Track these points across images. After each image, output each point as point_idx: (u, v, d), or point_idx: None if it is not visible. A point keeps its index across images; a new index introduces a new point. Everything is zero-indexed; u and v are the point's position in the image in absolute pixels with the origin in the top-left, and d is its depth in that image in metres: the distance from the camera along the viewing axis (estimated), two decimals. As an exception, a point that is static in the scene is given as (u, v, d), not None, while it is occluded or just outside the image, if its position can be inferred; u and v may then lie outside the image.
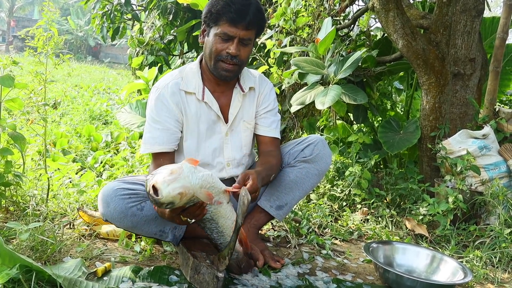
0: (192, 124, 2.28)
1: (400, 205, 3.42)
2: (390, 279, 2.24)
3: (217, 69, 2.19)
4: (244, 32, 2.11)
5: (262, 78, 2.46)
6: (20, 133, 2.49)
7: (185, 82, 2.26)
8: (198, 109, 2.27)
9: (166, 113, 2.22)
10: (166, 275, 2.08)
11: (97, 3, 5.71)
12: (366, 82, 3.97)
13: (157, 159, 2.21)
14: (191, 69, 2.30)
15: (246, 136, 2.40)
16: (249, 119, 2.40)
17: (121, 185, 2.15)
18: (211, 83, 2.30)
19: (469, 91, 3.50)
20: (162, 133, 2.21)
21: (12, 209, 2.63)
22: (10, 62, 2.46)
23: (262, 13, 2.16)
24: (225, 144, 2.36)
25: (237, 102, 2.34)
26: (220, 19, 2.09)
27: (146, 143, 2.23)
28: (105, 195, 2.13)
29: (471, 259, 2.67)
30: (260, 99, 2.42)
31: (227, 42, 2.12)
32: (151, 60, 5.60)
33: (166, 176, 1.68)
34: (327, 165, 2.45)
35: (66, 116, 6.60)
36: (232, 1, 2.07)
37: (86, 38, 35.93)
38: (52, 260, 2.09)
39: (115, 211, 2.10)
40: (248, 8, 2.09)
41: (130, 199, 2.11)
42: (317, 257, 2.55)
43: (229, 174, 2.40)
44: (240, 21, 2.08)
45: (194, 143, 2.30)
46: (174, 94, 2.23)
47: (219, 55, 2.15)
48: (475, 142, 3.29)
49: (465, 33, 3.43)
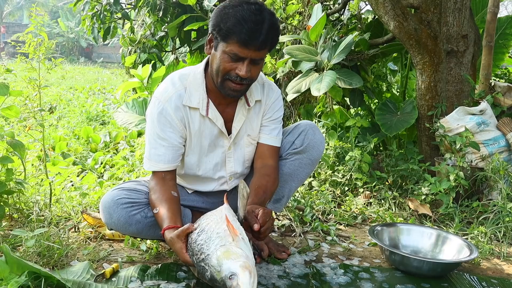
0: (195, 139, 2.17)
1: (402, 186, 3.43)
2: (396, 261, 2.26)
3: (224, 87, 2.01)
4: (256, 53, 1.92)
5: (269, 87, 2.28)
6: (19, 140, 2.49)
7: (189, 95, 2.10)
8: (202, 125, 2.15)
9: (170, 129, 2.09)
10: (174, 272, 2.09)
11: (86, 4, 5.68)
12: (360, 66, 3.97)
13: (159, 174, 2.11)
14: (195, 78, 2.12)
15: (249, 151, 2.30)
16: (254, 134, 2.27)
17: (121, 194, 2.12)
18: (216, 95, 2.13)
19: (464, 67, 3.50)
20: (168, 150, 2.10)
21: (16, 216, 2.63)
22: (4, 70, 2.45)
23: (275, 28, 1.95)
24: (227, 158, 2.26)
25: (241, 116, 2.19)
26: (229, 38, 1.88)
27: (151, 159, 2.12)
28: (106, 206, 2.12)
29: (476, 235, 2.68)
30: (265, 109, 2.27)
31: (237, 62, 1.93)
32: (144, 58, 5.58)
33: (252, 281, 1.58)
34: (319, 153, 2.36)
35: (63, 119, 6.58)
36: (244, 18, 1.84)
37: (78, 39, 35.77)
38: (60, 264, 2.10)
39: (119, 221, 2.10)
40: (261, 27, 1.86)
41: (132, 207, 2.10)
42: (323, 244, 2.56)
43: (231, 186, 2.35)
44: (251, 43, 1.87)
45: (195, 158, 2.22)
46: (177, 109, 2.09)
47: (227, 75, 1.97)
48: (473, 118, 3.29)
49: (456, 10, 3.42)
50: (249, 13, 1.86)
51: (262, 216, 1.88)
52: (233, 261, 1.60)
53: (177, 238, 1.80)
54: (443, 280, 2.19)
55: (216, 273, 1.62)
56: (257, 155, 2.30)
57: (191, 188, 2.37)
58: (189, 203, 2.35)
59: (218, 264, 1.62)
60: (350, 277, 2.15)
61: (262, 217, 1.88)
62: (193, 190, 2.37)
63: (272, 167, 2.25)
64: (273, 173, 2.24)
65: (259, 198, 2.08)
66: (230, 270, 1.59)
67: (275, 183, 2.24)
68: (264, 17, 1.89)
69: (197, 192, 2.38)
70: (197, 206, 2.36)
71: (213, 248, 1.66)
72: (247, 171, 2.40)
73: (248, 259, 1.63)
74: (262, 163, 2.26)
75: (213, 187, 2.32)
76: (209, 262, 1.65)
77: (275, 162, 2.28)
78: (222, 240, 1.69)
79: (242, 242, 1.70)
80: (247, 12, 1.86)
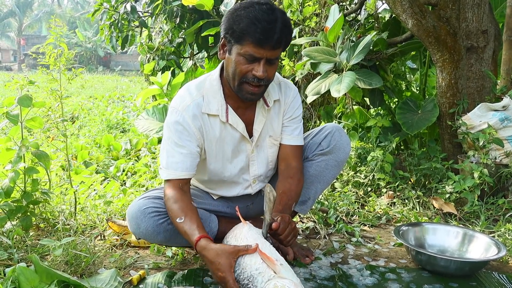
0: (217, 147, 2.16)
1: (426, 185, 3.40)
2: (423, 261, 2.24)
3: (241, 91, 2.00)
4: (271, 53, 1.91)
5: (286, 85, 2.27)
6: (44, 151, 2.52)
7: (207, 103, 2.09)
8: (223, 131, 2.13)
9: (187, 137, 2.07)
10: (200, 277, 2.10)
11: (103, 14, 5.75)
12: (379, 65, 3.95)
13: (176, 183, 2.08)
14: (212, 85, 2.11)
15: (272, 152, 2.28)
16: (276, 135, 2.25)
17: (147, 203, 2.13)
18: (234, 100, 2.12)
19: (484, 63, 3.46)
20: (186, 158, 2.07)
21: (42, 226, 2.67)
22: (26, 82, 2.48)
23: (288, 27, 1.95)
24: (251, 161, 2.25)
25: (261, 117, 2.18)
26: (244, 39, 1.88)
27: (169, 168, 2.08)
28: (134, 217, 2.13)
29: (503, 233, 2.65)
30: (285, 108, 2.25)
31: (253, 63, 1.92)
32: (163, 64, 5.62)
33: None
34: (346, 154, 2.36)
35: (84, 128, 6.66)
36: (257, 18, 1.85)
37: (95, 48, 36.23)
38: (87, 272, 2.12)
39: (147, 230, 2.11)
40: (274, 26, 1.87)
41: (159, 216, 2.11)
42: (348, 245, 2.55)
43: (255, 190, 2.34)
44: (266, 42, 1.87)
45: (219, 165, 2.21)
46: (196, 118, 2.08)
47: (244, 77, 1.96)
48: (495, 114, 3.25)
49: (474, 5, 3.38)
50: (262, 13, 1.86)
51: (281, 223, 1.91)
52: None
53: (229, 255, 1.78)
54: (471, 279, 2.16)
55: None
56: (280, 157, 2.30)
57: (216, 194, 2.37)
58: (214, 208, 2.35)
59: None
60: (377, 278, 2.14)
61: (281, 224, 1.91)
62: (218, 196, 2.37)
63: (295, 168, 2.25)
64: (297, 174, 2.24)
65: (283, 204, 2.11)
66: None
67: (300, 184, 2.24)
68: (277, 16, 1.89)
69: (222, 197, 2.38)
70: (223, 211, 2.36)
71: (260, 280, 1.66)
72: (271, 173, 2.39)
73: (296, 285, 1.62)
74: (285, 165, 2.26)
75: (238, 191, 2.32)
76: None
77: (299, 163, 2.28)
78: (264, 276, 1.68)
79: (283, 269, 1.69)
80: (260, 12, 1.86)
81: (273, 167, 2.35)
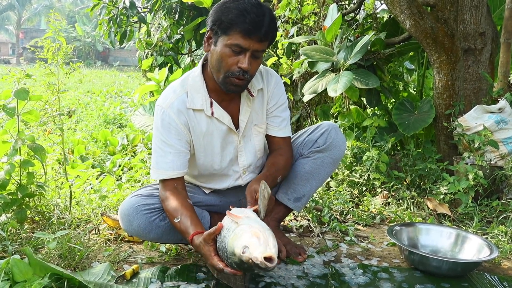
0: (205, 141, 2.17)
1: (420, 185, 3.41)
2: (415, 261, 2.25)
3: (226, 84, 2.01)
4: (258, 45, 1.93)
5: (267, 73, 2.28)
6: (40, 144, 2.52)
7: (191, 98, 2.10)
8: (209, 125, 2.14)
9: (175, 135, 2.09)
10: (193, 273, 2.10)
11: (102, 8, 5.74)
12: (377, 65, 3.96)
13: (170, 183, 2.09)
14: (195, 81, 2.12)
15: (259, 141, 2.29)
16: (261, 122, 2.27)
17: (140, 201, 2.14)
18: (217, 93, 2.13)
19: (481, 65, 3.47)
20: (175, 157, 2.09)
21: (37, 219, 2.67)
22: (24, 76, 2.49)
23: (275, 23, 1.98)
24: (239, 152, 2.25)
25: (247, 108, 2.20)
26: (231, 29, 1.90)
27: (159, 168, 2.10)
28: (126, 214, 2.14)
29: (496, 234, 2.66)
30: (268, 96, 2.26)
31: (239, 55, 1.94)
32: (161, 60, 5.62)
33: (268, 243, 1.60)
34: (341, 152, 2.37)
35: (81, 122, 6.65)
36: (246, 10, 1.87)
37: (94, 43, 36.17)
38: (81, 266, 2.13)
39: (139, 227, 2.12)
40: (263, 19, 1.89)
41: (152, 213, 2.12)
42: (341, 244, 2.56)
43: (245, 181, 2.34)
44: (255, 32, 1.89)
45: (208, 159, 2.22)
46: (180, 114, 2.09)
47: (229, 71, 1.96)
48: (491, 116, 3.26)
49: (472, 7, 3.40)
50: (251, 5, 1.90)
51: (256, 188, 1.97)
52: (240, 238, 1.63)
53: (205, 242, 1.81)
54: (463, 280, 2.17)
55: (235, 257, 1.63)
56: (271, 145, 2.35)
57: (207, 187, 2.38)
58: (206, 202, 2.36)
59: (232, 250, 1.64)
60: (369, 277, 2.15)
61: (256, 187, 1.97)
62: (210, 189, 2.38)
63: (285, 150, 2.30)
64: (287, 153, 2.29)
65: (270, 172, 2.15)
66: (239, 246, 1.61)
67: (288, 162, 2.29)
68: (265, 10, 1.93)
69: (214, 191, 2.39)
70: (215, 204, 2.37)
71: (226, 242, 1.69)
72: (260, 162, 2.40)
73: (252, 227, 1.65)
74: (276, 147, 2.31)
75: (229, 183, 2.33)
76: (228, 254, 1.67)
77: (289, 147, 2.33)
78: (230, 230, 1.71)
79: (246, 220, 1.73)
80: (249, 5, 1.90)
81: (261, 156, 2.36)
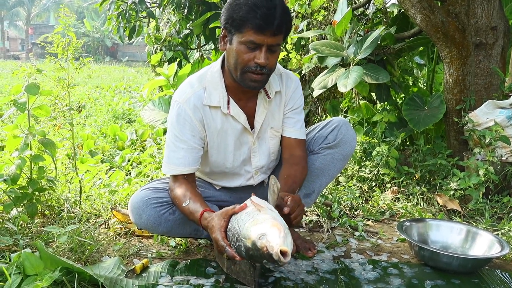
0: (219, 139, 2.16)
1: (430, 181, 3.39)
2: (425, 257, 2.24)
3: (244, 80, 1.98)
4: (272, 39, 1.90)
5: (287, 76, 2.26)
6: (50, 139, 2.54)
7: (208, 94, 2.09)
8: (224, 123, 2.13)
9: (189, 131, 2.08)
10: (203, 268, 2.11)
11: (111, 4, 5.74)
12: (387, 60, 3.93)
13: (180, 178, 2.10)
14: (213, 77, 2.11)
15: (273, 144, 2.28)
16: (277, 126, 2.25)
17: (150, 194, 2.15)
18: (235, 91, 2.11)
19: (493, 60, 3.44)
20: (187, 153, 2.09)
21: (47, 213, 2.68)
22: (34, 71, 2.49)
23: (288, 13, 1.95)
24: (253, 153, 2.25)
25: (263, 109, 2.17)
26: (244, 26, 1.88)
27: (170, 163, 2.11)
28: (136, 207, 2.15)
29: (507, 231, 2.64)
30: (286, 100, 2.24)
31: (254, 50, 1.92)
32: (170, 55, 5.62)
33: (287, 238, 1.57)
34: (351, 148, 2.35)
35: (90, 117, 6.68)
36: (256, 5, 1.85)
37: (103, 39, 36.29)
38: (91, 260, 2.14)
39: (148, 221, 2.13)
40: (274, 12, 1.86)
41: (161, 206, 2.13)
42: (351, 240, 2.56)
43: (257, 181, 2.34)
44: (267, 27, 1.86)
45: (221, 157, 2.21)
46: (196, 110, 2.08)
47: (246, 66, 1.94)
48: (503, 112, 3.24)
49: (484, 1, 3.36)
50: (260, 0, 1.87)
51: (292, 202, 1.88)
52: (260, 224, 1.61)
53: (220, 215, 1.79)
54: (473, 276, 2.16)
55: (248, 240, 1.61)
56: (284, 147, 2.30)
57: (218, 184, 2.38)
58: (216, 198, 2.36)
59: (247, 233, 1.62)
60: (379, 273, 2.14)
61: (292, 203, 1.88)
62: (221, 186, 2.38)
63: (300, 157, 2.25)
64: (301, 162, 2.24)
65: (288, 186, 2.09)
66: (258, 232, 1.59)
67: (304, 172, 2.24)
68: (276, 2, 1.89)
69: (224, 187, 2.39)
70: (225, 200, 2.37)
71: (242, 224, 1.67)
72: (273, 164, 2.40)
73: (275, 220, 1.62)
74: (289, 153, 2.26)
75: (240, 182, 2.33)
76: (240, 236, 1.65)
77: (303, 152, 2.28)
78: (249, 215, 1.69)
79: (270, 211, 1.70)
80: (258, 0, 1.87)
81: (275, 158, 2.35)
